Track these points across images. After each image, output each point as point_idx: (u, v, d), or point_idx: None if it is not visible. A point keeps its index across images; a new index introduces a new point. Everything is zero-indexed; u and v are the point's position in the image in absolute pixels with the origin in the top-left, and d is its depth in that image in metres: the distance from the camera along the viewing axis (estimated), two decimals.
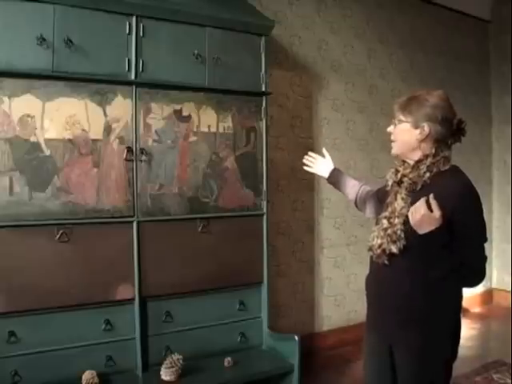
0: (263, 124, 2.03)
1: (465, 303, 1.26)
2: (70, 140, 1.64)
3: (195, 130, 1.88)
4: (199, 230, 1.88)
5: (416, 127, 1.18)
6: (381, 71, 2.94)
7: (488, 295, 3.54)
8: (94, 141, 1.68)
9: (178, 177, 1.84)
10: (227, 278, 1.94)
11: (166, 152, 1.82)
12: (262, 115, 2.03)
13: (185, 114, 1.85)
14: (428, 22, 3.17)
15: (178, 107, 1.84)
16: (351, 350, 2.06)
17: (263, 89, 2.03)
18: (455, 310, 1.21)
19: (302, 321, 2.58)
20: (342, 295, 2.77)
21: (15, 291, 1.56)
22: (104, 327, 1.71)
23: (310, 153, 1.63)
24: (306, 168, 1.63)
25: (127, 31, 1.74)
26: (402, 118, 1.20)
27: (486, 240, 1.17)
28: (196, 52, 1.86)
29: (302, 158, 1.64)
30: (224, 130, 1.94)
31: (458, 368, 1.80)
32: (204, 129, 1.90)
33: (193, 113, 1.87)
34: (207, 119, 1.90)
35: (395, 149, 1.25)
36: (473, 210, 1.15)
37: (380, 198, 1.36)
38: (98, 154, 1.68)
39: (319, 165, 1.60)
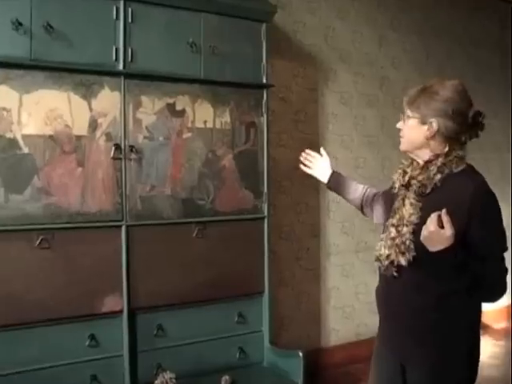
0: (264, 119, 2.02)
1: (487, 318, 1.23)
2: (51, 136, 1.63)
3: (190, 125, 1.87)
4: (194, 235, 1.88)
5: (424, 123, 1.15)
6: (393, 61, 2.92)
7: None
8: (78, 137, 1.67)
9: (170, 177, 1.83)
10: (225, 288, 1.93)
11: (158, 150, 1.81)
12: (263, 109, 2.02)
13: (178, 108, 1.85)
14: (445, 4, 3.15)
15: (170, 101, 1.83)
16: (361, 367, 2.02)
17: (264, 80, 2.02)
18: (472, 326, 1.18)
19: (307, 335, 2.57)
20: (350, 307, 2.75)
21: None
22: (88, 343, 1.69)
23: (307, 150, 1.57)
24: (303, 168, 1.57)
25: (114, 16, 1.72)
26: (409, 113, 1.18)
27: (505, 249, 1.13)
28: (190, 40, 1.84)
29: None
30: (221, 125, 1.93)
31: None
32: (199, 124, 1.89)
33: (187, 107, 1.86)
34: (203, 114, 1.89)
35: (402, 145, 1.23)
36: (490, 216, 1.11)
37: (385, 202, 1.33)
38: (83, 151, 1.67)
39: (318, 165, 1.54)
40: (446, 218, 1.02)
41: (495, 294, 1.14)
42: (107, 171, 1.70)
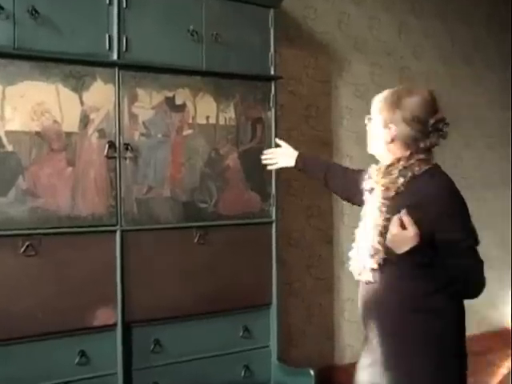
0: (272, 114, 2.01)
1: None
2: (37, 133, 1.60)
3: (191, 121, 1.85)
4: (195, 240, 1.85)
5: (384, 127, 1.27)
6: (414, 49, 2.87)
7: None
8: (68, 134, 1.65)
9: (170, 177, 1.82)
10: (229, 299, 1.90)
11: (156, 148, 1.79)
12: (271, 104, 2.00)
13: (178, 102, 1.83)
14: None
15: (169, 94, 1.80)
16: None
17: (272, 72, 2.00)
18: (456, 328, 1.24)
19: (319, 351, 2.53)
20: None
21: None
22: (78, 360, 1.66)
23: (264, 151, 1.71)
24: (270, 168, 1.70)
25: (107, 1, 1.70)
26: (373, 116, 1.31)
27: (476, 243, 1.20)
28: (191, 27, 1.82)
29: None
30: (225, 121, 1.92)
31: None
32: (201, 120, 1.87)
33: (188, 101, 1.84)
34: (205, 109, 1.87)
35: (368, 148, 1.35)
36: (456, 214, 1.19)
37: (358, 186, 1.39)
38: (73, 149, 1.65)
39: (281, 156, 1.66)
40: (406, 219, 1.10)
41: (474, 288, 1.20)
42: (100, 171, 1.68)
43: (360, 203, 1.41)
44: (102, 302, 1.68)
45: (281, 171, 2.02)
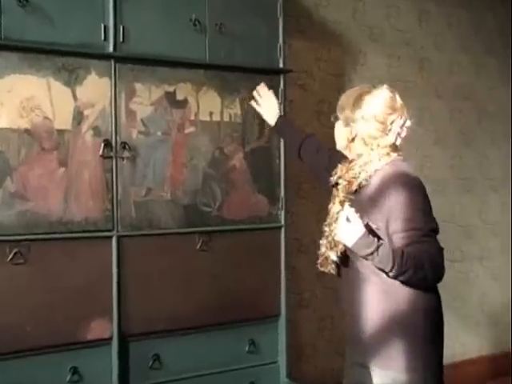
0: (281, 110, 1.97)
1: None
2: (27, 130, 1.59)
3: (193, 118, 1.84)
4: (198, 247, 1.85)
5: (346, 125, 1.42)
6: (435, 39, 2.84)
7: None
8: (61, 132, 1.63)
9: (170, 179, 1.80)
10: (234, 311, 1.89)
11: (156, 147, 1.78)
12: (280, 99, 1.97)
13: (179, 97, 1.82)
14: None
15: (170, 89, 1.80)
16: None
17: (281, 65, 1.99)
18: (429, 314, 1.33)
19: (332, 367, 2.47)
20: None
21: None
22: (69, 378, 1.63)
23: (258, 87, 1.87)
24: (252, 104, 1.87)
25: None
26: (337, 114, 1.46)
27: (433, 230, 1.29)
28: (193, 17, 1.81)
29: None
30: (230, 118, 1.91)
31: None
32: (204, 117, 1.86)
33: (190, 96, 1.83)
34: (208, 105, 1.87)
35: (336, 145, 1.50)
36: (411, 203, 1.28)
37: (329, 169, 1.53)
38: (66, 149, 1.64)
39: (266, 103, 1.85)
40: (350, 212, 1.25)
41: (436, 272, 1.28)
42: (95, 172, 1.67)
43: (325, 185, 1.53)
44: (97, 313, 1.66)
45: (289, 172, 2.03)
